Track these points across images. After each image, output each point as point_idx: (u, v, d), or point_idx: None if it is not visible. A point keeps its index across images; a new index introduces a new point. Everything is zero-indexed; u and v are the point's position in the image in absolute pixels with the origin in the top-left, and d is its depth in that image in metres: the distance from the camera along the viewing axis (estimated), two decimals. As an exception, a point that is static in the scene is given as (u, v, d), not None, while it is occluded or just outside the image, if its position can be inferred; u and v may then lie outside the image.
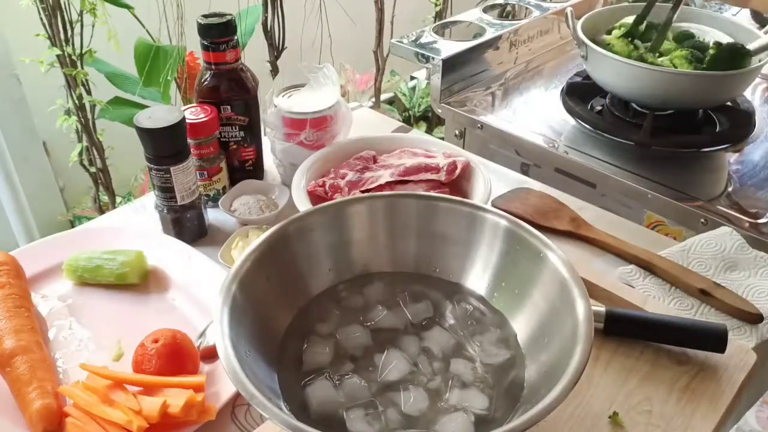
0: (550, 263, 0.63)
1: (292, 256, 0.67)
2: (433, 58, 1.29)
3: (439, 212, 0.71)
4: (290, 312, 0.66)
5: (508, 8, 1.52)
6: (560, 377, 0.53)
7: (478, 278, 0.70)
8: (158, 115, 0.84)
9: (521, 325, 0.65)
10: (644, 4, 1.26)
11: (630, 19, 1.24)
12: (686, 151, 1.15)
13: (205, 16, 0.90)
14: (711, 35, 1.21)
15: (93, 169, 1.58)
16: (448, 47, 1.31)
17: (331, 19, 1.70)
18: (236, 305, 0.59)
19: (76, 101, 1.45)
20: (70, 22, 1.39)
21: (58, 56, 1.39)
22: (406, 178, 0.89)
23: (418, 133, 1.18)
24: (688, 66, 1.11)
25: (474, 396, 0.59)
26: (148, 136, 0.83)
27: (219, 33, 0.89)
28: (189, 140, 0.87)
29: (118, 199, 1.67)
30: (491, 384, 0.61)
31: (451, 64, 1.29)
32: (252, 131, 0.97)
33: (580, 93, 1.27)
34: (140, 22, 1.44)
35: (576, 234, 0.90)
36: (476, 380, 0.61)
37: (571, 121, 1.23)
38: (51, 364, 0.71)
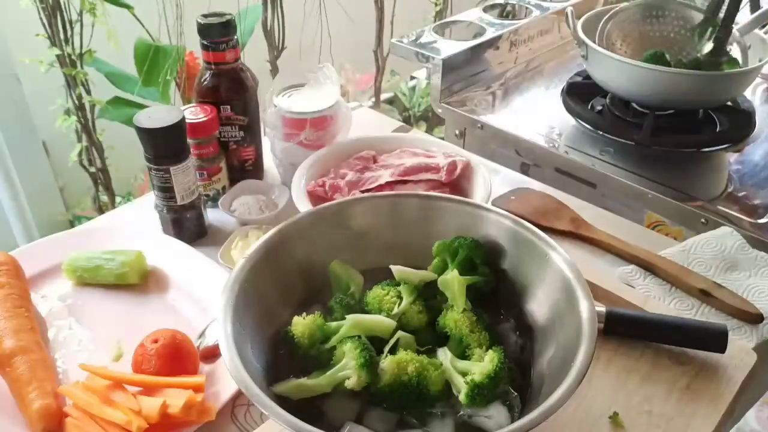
0: (554, 263, 0.63)
1: (294, 257, 0.67)
2: (433, 58, 1.28)
3: (440, 212, 0.71)
4: (293, 313, 0.66)
5: (508, 8, 1.52)
6: (563, 378, 0.52)
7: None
8: (158, 115, 0.84)
9: (523, 325, 0.65)
10: (644, 4, 1.26)
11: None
12: (686, 151, 1.15)
13: (205, 16, 0.89)
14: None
15: (93, 169, 1.58)
16: (448, 47, 1.31)
17: (331, 19, 1.70)
18: (239, 306, 0.59)
19: (76, 101, 1.45)
20: (70, 22, 1.39)
21: (57, 56, 1.39)
22: (406, 178, 0.89)
23: (418, 133, 1.18)
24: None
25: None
26: (147, 136, 0.83)
27: (219, 33, 0.89)
28: (189, 140, 0.87)
29: (118, 199, 1.68)
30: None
31: (451, 64, 1.29)
32: (252, 131, 0.97)
33: (580, 93, 1.27)
34: (140, 22, 1.44)
35: (576, 234, 0.90)
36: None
37: (571, 121, 1.22)
38: (51, 364, 0.71)
